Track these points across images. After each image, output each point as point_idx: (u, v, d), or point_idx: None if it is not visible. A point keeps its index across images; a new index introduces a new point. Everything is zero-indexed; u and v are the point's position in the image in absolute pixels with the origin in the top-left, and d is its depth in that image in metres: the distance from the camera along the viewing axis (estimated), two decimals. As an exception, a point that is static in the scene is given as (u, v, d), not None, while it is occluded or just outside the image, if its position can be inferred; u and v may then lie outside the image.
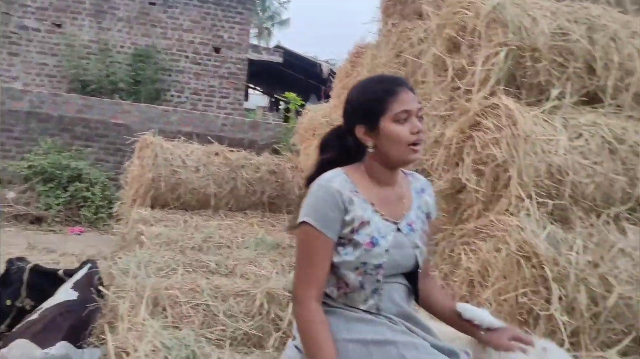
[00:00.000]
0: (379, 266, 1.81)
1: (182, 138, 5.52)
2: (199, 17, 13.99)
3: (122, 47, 13.07)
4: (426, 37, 3.44)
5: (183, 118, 11.08)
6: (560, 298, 2.23)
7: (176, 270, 2.79)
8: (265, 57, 14.84)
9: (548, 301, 2.24)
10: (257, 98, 26.51)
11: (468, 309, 1.98)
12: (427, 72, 3.26)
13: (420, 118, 1.83)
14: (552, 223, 2.48)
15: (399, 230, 1.87)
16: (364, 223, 1.80)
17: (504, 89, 2.77)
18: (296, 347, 1.89)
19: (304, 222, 1.80)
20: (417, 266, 1.91)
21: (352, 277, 1.82)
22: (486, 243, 2.56)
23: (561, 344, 2.18)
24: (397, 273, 1.88)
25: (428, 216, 2.00)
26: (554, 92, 2.77)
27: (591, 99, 2.87)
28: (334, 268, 1.84)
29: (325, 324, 1.76)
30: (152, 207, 4.85)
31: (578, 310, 2.26)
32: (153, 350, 1.65)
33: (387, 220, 1.85)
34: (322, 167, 1.96)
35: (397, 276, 1.89)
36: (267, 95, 26.17)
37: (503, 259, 2.42)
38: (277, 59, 14.77)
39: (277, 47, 15.45)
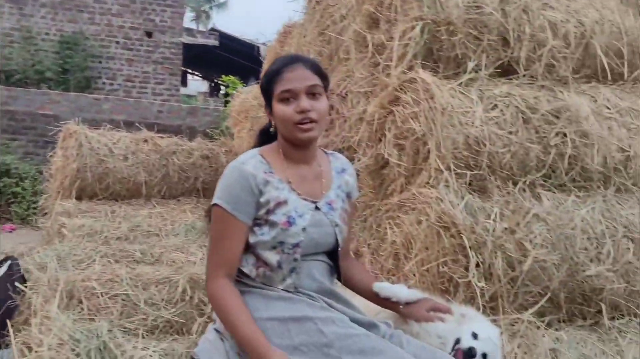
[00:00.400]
0: (296, 245, 1.81)
1: (108, 126, 5.37)
2: (128, 0, 13.56)
3: (47, 34, 12.55)
4: (347, 14, 3.43)
5: (116, 106, 10.79)
6: (477, 265, 2.28)
7: (98, 262, 2.72)
8: (200, 40, 14.58)
9: (467, 268, 2.29)
10: (197, 84, 26.10)
11: (384, 288, 2.02)
12: (349, 48, 3.26)
13: (316, 95, 1.83)
14: (470, 193, 2.52)
15: (317, 208, 1.87)
16: (280, 203, 1.80)
17: (421, 63, 2.79)
18: (216, 330, 1.88)
19: (216, 204, 1.79)
20: (337, 244, 1.92)
21: (270, 256, 1.82)
22: (409, 216, 2.59)
23: (480, 310, 2.24)
24: (317, 252, 1.89)
25: (349, 196, 2.01)
26: (470, 65, 2.81)
27: (506, 71, 2.92)
28: (251, 248, 1.83)
29: (236, 293, 1.76)
30: (79, 199, 4.70)
31: (495, 276, 2.32)
32: (60, 344, 1.60)
33: (304, 199, 1.86)
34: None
35: (317, 255, 1.90)
36: (207, 80, 25.77)
37: (424, 231, 2.46)
38: (213, 42, 14.53)
39: (213, 30, 15.20)
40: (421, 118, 2.60)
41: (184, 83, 19.76)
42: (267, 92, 1.87)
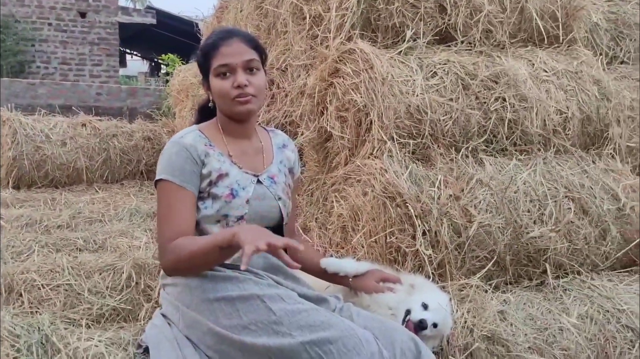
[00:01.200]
0: (240, 218, 1.81)
1: (44, 111, 5.15)
2: (58, -21, 12.99)
3: (-27, 18, 11.94)
4: (283, -14, 3.36)
5: (52, 90, 10.40)
6: (424, 233, 2.30)
7: (38, 252, 2.62)
8: (137, 19, 14.12)
9: (414, 237, 2.30)
10: (137, 64, 25.45)
11: (331, 264, 2.04)
12: (287, 21, 3.20)
13: (254, 69, 1.83)
14: (414, 162, 2.53)
15: (259, 182, 1.87)
16: (222, 175, 1.80)
17: (360, 34, 2.76)
18: (163, 315, 1.85)
19: (162, 180, 1.77)
20: (282, 218, 1.92)
21: (215, 230, 1.80)
22: (354, 188, 2.58)
23: (429, 277, 2.26)
24: (262, 226, 1.86)
25: (291, 171, 2.01)
26: (408, 34, 2.80)
27: (444, 38, 2.92)
28: (196, 224, 1.81)
29: (184, 237, 1.72)
30: (18, 188, 4.53)
31: (442, 243, 2.34)
32: (-3, 341, 1.53)
33: (246, 172, 1.85)
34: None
35: None
36: (147, 59, 25.15)
37: (370, 202, 2.46)
38: (150, 20, 14.11)
39: (149, 7, 14.74)
40: (362, 89, 2.58)
41: (123, 64, 19.20)
42: (204, 67, 1.87)
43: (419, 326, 1.91)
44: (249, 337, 1.62)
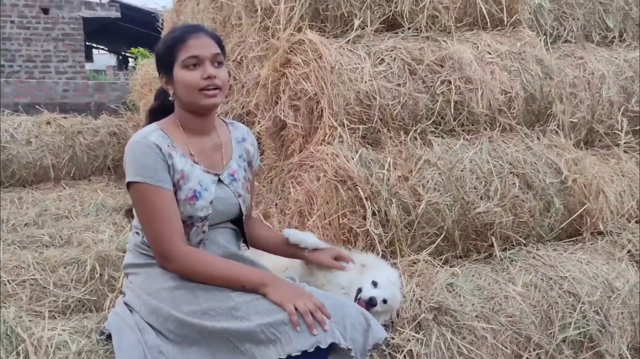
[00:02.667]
0: (204, 219, 1.87)
1: (7, 111, 5.16)
2: (18, -25, 12.79)
3: None
4: (235, -21, 3.43)
5: (18, 89, 10.30)
6: (374, 214, 2.42)
7: (4, 250, 2.69)
8: (101, 13, 13.98)
9: (364, 218, 2.42)
10: (105, 58, 25.18)
11: (292, 234, 2.14)
12: (240, 14, 3.28)
13: (219, 64, 1.88)
14: (364, 146, 2.64)
15: (220, 180, 1.93)
16: (185, 177, 1.85)
17: (309, 24, 2.85)
18: (125, 303, 1.93)
19: (135, 183, 1.79)
20: (241, 213, 2.00)
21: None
22: (309, 173, 2.69)
23: (379, 255, 2.39)
24: (222, 221, 1.96)
25: (250, 164, 2.07)
26: (356, 22, 2.90)
27: (392, 25, 3.03)
28: None
29: (203, 252, 1.85)
30: (-16, 189, 4.56)
31: (392, 222, 2.46)
32: (-40, 335, 1.61)
33: (207, 172, 1.91)
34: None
35: (222, 222, 1.98)
36: (114, 53, 24.89)
37: (323, 186, 2.57)
38: (114, 14, 13.98)
39: (112, 1, 14.60)
40: (312, 78, 2.68)
41: (89, 58, 19.01)
42: (168, 59, 1.87)
43: (370, 304, 2.03)
44: (209, 321, 1.72)
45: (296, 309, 1.70)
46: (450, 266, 2.55)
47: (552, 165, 2.91)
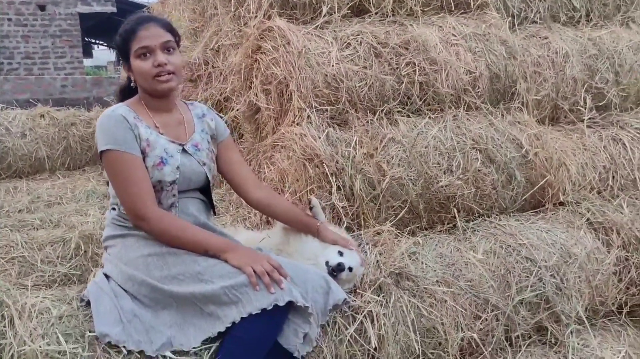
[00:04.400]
0: (173, 183, 2.04)
1: (3, 105, 5.33)
2: (14, -26, 12.94)
3: None
4: (212, -29, 3.58)
5: (17, 85, 10.50)
6: (339, 188, 2.57)
7: (-4, 233, 2.86)
8: (97, 8, 14.10)
9: (330, 192, 2.58)
10: (106, 54, 25.22)
11: (316, 204, 2.36)
12: (216, 4, 3.43)
13: (171, 49, 2.04)
14: (332, 127, 2.79)
15: (184, 150, 2.10)
16: (150, 145, 2.02)
17: (279, 12, 3.00)
18: (104, 274, 2.09)
19: (107, 151, 1.96)
20: (208, 181, 2.16)
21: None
22: (280, 153, 2.85)
23: (346, 227, 2.55)
24: (190, 189, 2.13)
25: (213, 137, 2.24)
26: (324, 9, 3.04)
27: (360, 11, 3.17)
28: None
29: (174, 216, 2.01)
30: (-19, 180, 4.74)
31: (358, 196, 2.61)
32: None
33: (172, 142, 2.08)
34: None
35: (191, 192, 2.15)
36: (113, 48, 24.93)
37: (293, 164, 2.72)
38: (110, 8, 14.10)
39: (108, -4, 14.70)
40: (281, 63, 2.83)
41: (88, 54, 19.13)
42: (124, 50, 2.04)
43: (338, 269, 2.19)
44: (177, 286, 1.89)
45: (255, 272, 1.86)
46: (414, 236, 2.70)
47: (514, 140, 3.06)
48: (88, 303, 1.98)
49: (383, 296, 2.30)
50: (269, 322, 1.85)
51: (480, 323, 2.47)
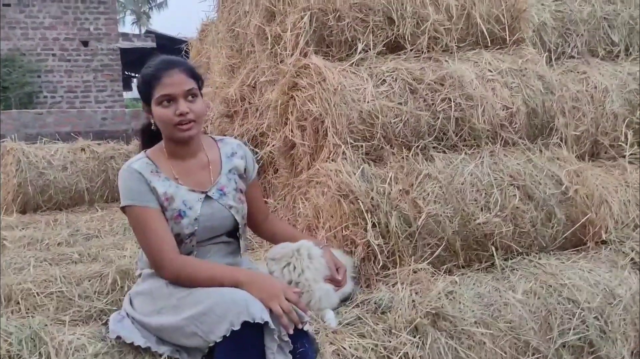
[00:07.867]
0: (191, 235, 2.04)
1: (45, 139, 5.50)
2: (60, 12, 13.48)
3: (-18, 54, 12.43)
4: (249, 10, 3.65)
5: (59, 118, 10.78)
6: (374, 226, 2.55)
7: (36, 267, 2.91)
8: (137, 44, 14.54)
9: (365, 229, 2.56)
10: (145, 87, 25.82)
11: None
12: (253, 41, 3.49)
13: (193, 96, 2.01)
14: (367, 163, 2.78)
15: (208, 197, 2.08)
16: (169, 199, 2.02)
17: (315, 50, 3.03)
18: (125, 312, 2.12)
19: (127, 206, 2.00)
20: (237, 224, 2.15)
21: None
22: (315, 189, 2.85)
23: (380, 264, 2.52)
24: (214, 236, 2.11)
25: (242, 176, 2.21)
26: (360, 46, 3.07)
27: (395, 47, 3.18)
28: None
29: (190, 258, 2.01)
30: (24, 212, 4.86)
31: (393, 233, 2.59)
32: (-9, 336, 1.81)
33: (193, 191, 2.06)
34: (143, 148, 2.18)
35: (216, 237, 2.13)
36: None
37: (328, 201, 2.72)
38: (150, 44, 14.53)
39: (148, 32, 15.16)
40: (317, 100, 2.85)
41: (128, 87, 19.64)
42: (146, 94, 2.03)
43: None
44: (156, 318, 1.93)
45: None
46: (450, 274, 2.65)
47: (553, 176, 3.00)
48: (118, 338, 1.99)
49: (419, 338, 2.25)
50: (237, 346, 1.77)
51: (521, 367, 2.40)
